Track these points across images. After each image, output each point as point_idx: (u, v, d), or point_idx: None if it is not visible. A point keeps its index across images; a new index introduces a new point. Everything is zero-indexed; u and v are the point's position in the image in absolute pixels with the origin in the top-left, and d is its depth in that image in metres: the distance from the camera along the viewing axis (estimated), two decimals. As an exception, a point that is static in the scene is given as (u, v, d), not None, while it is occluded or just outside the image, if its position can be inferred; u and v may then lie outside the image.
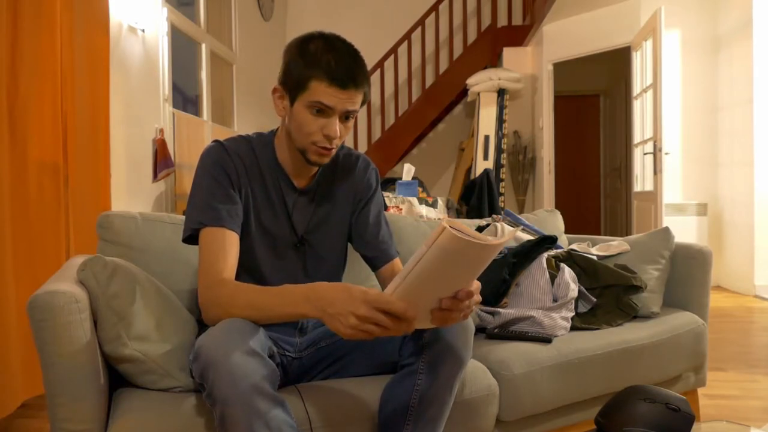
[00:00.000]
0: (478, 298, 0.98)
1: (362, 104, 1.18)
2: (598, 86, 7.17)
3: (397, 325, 0.91)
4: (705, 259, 1.86)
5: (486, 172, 4.41)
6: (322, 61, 1.09)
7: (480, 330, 1.64)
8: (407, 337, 1.15)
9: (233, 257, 1.14)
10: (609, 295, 1.76)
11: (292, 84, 1.14)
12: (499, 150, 5.46)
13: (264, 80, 5.72)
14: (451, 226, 0.77)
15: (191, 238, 1.18)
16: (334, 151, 1.18)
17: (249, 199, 1.22)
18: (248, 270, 1.24)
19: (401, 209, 3.83)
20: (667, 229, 1.92)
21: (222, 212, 1.15)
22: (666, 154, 4.48)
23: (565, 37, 5.20)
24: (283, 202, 1.25)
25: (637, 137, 4.75)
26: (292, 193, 1.26)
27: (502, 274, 1.69)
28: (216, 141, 1.22)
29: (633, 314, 1.75)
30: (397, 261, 1.33)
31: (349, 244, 1.38)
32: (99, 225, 1.42)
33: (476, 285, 0.98)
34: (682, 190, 4.96)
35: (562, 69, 5.52)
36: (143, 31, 3.47)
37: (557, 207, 6.22)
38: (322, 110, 1.12)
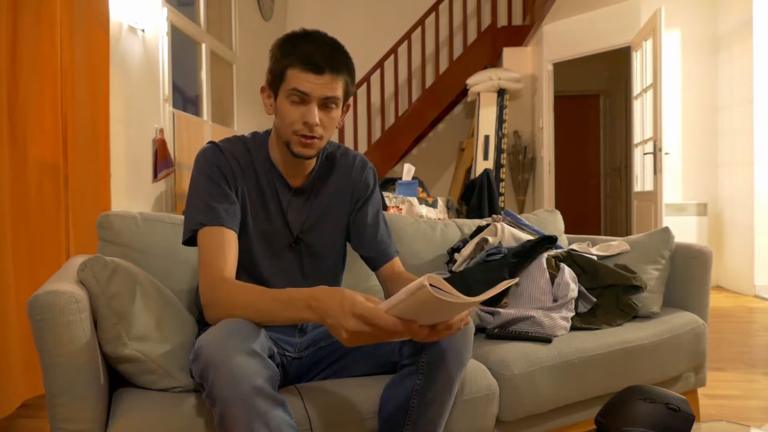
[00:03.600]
0: (460, 325, 0.98)
1: (346, 95, 1.18)
2: (598, 86, 7.17)
3: (389, 335, 0.91)
4: (705, 259, 1.86)
5: (486, 172, 4.41)
6: (297, 50, 1.11)
7: (480, 330, 1.64)
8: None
9: (233, 256, 1.14)
10: (609, 295, 1.76)
11: (273, 79, 1.16)
12: (499, 150, 5.46)
13: (264, 80, 5.72)
14: (431, 284, 0.81)
15: (191, 239, 1.18)
16: (318, 143, 1.17)
17: (245, 199, 1.22)
18: (247, 270, 1.24)
19: (401, 209, 3.83)
20: (667, 229, 1.92)
21: (220, 211, 1.15)
22: (666, 154, 4.48)
23: (565, 37, 5.20)
24: (277, 202, 1.25)
25: (637, 137, 4.76)
26: (287, 192, 1.26)
27: (502, 274, 1.69)
28: (211, 142, 1.23)
29: (633, 314, 1.75)
30: (396, 260, 1.33)
31: (348, 244, 1.38)
32: (99, 225, 1.42)
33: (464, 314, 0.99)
34: (682, 190, 4.96)
35: (562, 69, 5.52)
36: (143, 31, 3.47)
37: (557, 207, 6.23)
38: (300, 98, 1.13)
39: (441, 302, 0.83)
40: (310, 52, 1.11)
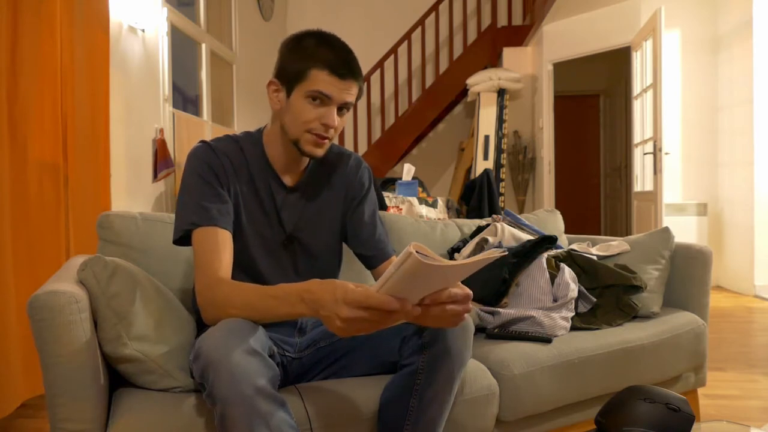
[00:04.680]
0: (464, 307, 0.97)
1: (357, 98, 1.22)
2: (598, 86, 7.17)
3: (385, 317, 0.89)
4: (705, 259, 1.86)
5: (486, 172, 4.41)
6: (320, 53, 1.13)
7: (480, 330, 1.64)
8: (407, 337, 1.15)
9: (228, 256, 1.14)
10: (609, 295, 1.76)
11: (290, 75, 1.16)
12: (499, 150, 5.46)
13: (264, 80, 5.72)
14: (417, 251, 0.80)
15: (183, 239, 1.17)
16: (328, 143, 1.19)
17: (238, 198, 1.22)
18: (245, 269, 1.24)
19: (401, 209, 3.83)
20: (667, 229, 1.92)
21: (213, 211, 1.15)
22: (666, 154, 4.48)
23: (565, 37, 5.20)
24: (272, 200, 1.25)
25: (637, 137, 4.76)
26: (281, 190, 1.26)
27: (502, 274, 1.69)
28: (202, 141, 1.23)
29: (633, 314, 1.75)
30: (393, 259, 1.33)
31: (345, 244, 1.38)
32: (99, 225, 1.42)
33: (466, 293, 0.97)
34: (682, 190, 4.96)
35: (562, 69, 5.52)
36: (143, 31, 3.47)
37: (557, 207, 6.23)
38: (320, 100, 1.14)
39: (430, 269, 0.81)
40: (333, 56, 1.13)
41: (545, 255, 1.76)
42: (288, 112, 1.17)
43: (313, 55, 1.13)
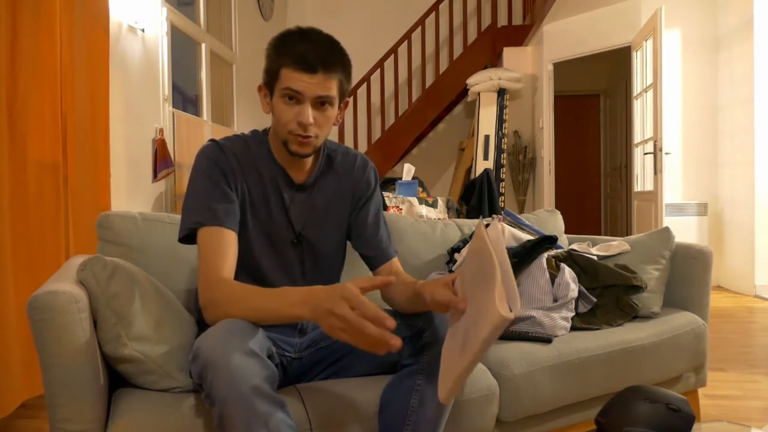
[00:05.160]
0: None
1: (342, 94, 1.18)
2: (598, 86, 7.17)
3: (363, 326, 0.86)
4: (705, 259, 1.86)
5: (486, 172, 4.41)
6: (290, 50, 1.11)
7: (480, 330, 1.64)
8: (407, 337, 1.15)
9: (232, 256, 1.14)
10: (609, 295, 1.76)
11: (269, 78, 1.16)
12: (499, 150, 5.46)
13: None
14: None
15: (187, 237, 1.17)
16: (314, 141, 1.17)
17: (245, 197, 1.22)
18: (247, 269, 1.23)
19: (401, 209, 3.83)
20: (667, 229, 1.92)
21: (219, 211, 1.15)
22: (666, 153, 4.47)
23: (565, 37, 5.20)
24: (280, 198, 1.25)
25: (637, 137, 4.76)
26: (290, 188, 1.26)
27: (502, 274, 1.69)
28: (212, 140, 1.23)
29: (633, 314, 1.74)
30: (395, 260, 1.33)
31: (348, 243, 1.38)
32: (99, 225, 1.42)
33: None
34: (682, 190, 4.96)
35: (562, 69, 5.52)
36: (143, 30, 3.47)
37: (557, 207, 6.23)
38: (293, 97, 1.13)
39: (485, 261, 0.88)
40: (304, 51, 1.10)
41: (545, 255, 1.76)
42: (273, 115, 1.18)
43: (283, 53, 1.12)
